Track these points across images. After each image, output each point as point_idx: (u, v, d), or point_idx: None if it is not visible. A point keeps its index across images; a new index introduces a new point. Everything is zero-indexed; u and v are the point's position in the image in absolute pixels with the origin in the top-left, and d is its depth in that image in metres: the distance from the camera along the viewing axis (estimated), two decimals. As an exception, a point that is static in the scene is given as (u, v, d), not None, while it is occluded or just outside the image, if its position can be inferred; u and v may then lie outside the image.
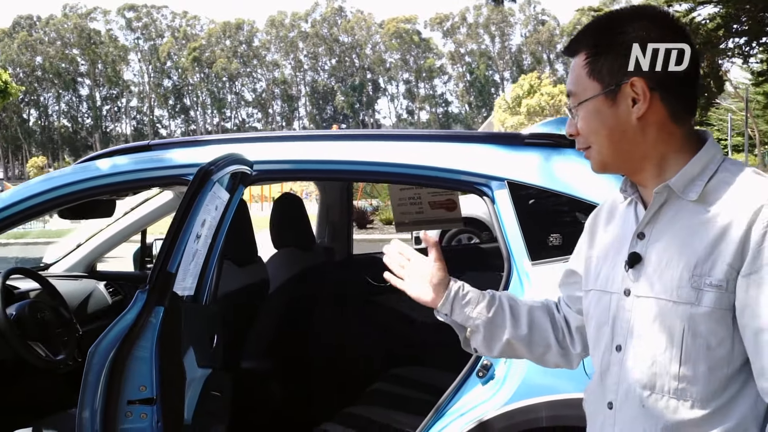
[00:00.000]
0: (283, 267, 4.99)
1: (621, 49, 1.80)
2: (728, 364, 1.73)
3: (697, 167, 1.79)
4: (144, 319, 2.72)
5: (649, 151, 1.83)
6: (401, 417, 3.94)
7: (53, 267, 5.50)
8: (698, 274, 1.72)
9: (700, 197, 1.77)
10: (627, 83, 1.79)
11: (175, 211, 3.04)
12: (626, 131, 1.82)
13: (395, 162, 3.50)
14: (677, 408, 1.78)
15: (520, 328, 2.18)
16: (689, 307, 1.74)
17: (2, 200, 3.73)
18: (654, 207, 1.84)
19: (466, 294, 2.20)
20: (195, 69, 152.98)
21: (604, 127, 1.84)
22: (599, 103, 1.83)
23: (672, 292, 1.76)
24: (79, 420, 2.72)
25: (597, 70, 1.83)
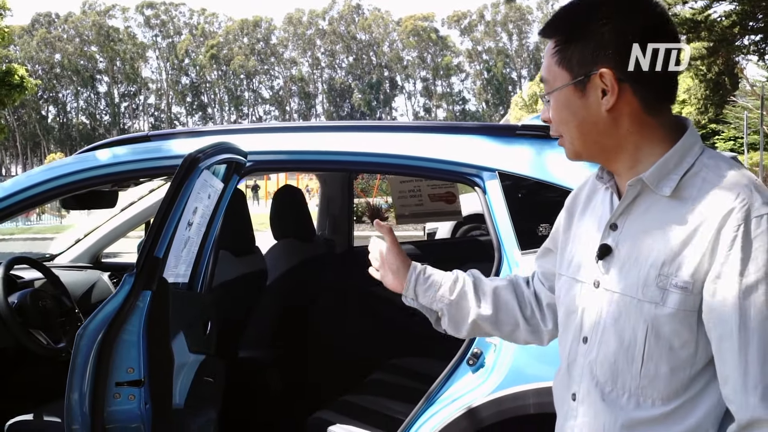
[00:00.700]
0: (283, 257, 5.03)
1: (592, 37, 1.74)
2: (691, 365, 1.71)
3: (672, 160, 1.74)
4: (131, 303, 2.77)
5: (622, 142, 1.78)
6: (396, 405, 3.96)
7: (58, 258, 5.56)
8: (665, 274, 1.69)
9: (674, 192, 1.71)
10: (596, 74, 1.73)
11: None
12: (597, 123, 1.77)
13: (388, 153, 3.53)
14: (638, 405, 1.76)
15: (484, 308, 2.19)
16: (654, 306, 1.71)
17: (4, 189, 3.79)
18: (627, 199, 1.79)
19: (428, 278, 2.24)
20: (213, 66, 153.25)
21: (574, 117, 1.79)
22: (569, 93, 1.79)
23: (638, 289, 1.73)
24: (68, 402, 2.77)
25: (566, 58, 1.78)
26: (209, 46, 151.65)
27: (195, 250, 3.30)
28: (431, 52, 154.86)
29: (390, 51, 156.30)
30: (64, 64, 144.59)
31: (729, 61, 27.64)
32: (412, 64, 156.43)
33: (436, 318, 2.30)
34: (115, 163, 3.76)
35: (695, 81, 32.61)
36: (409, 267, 2.26)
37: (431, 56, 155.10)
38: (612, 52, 1.72)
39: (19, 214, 3.90)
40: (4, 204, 3.74)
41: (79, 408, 2.76)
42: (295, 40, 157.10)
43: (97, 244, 5.59)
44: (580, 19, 1.78)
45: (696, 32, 22.92)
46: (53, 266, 4.99)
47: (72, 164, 3.80)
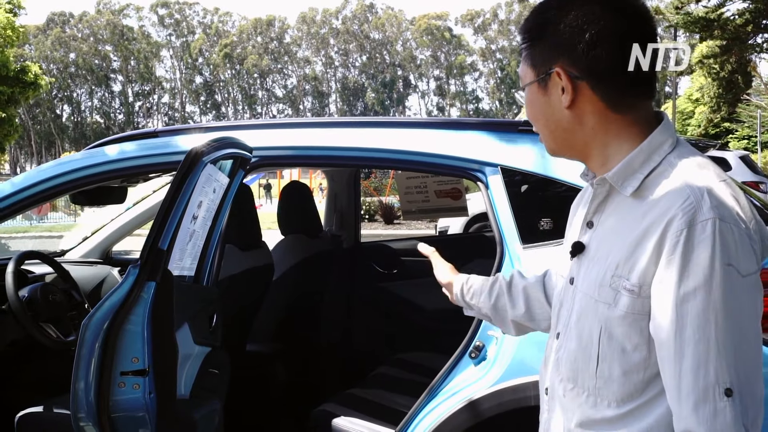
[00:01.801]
0: (290, 253, 5.06)
1: (551, 36, 1.74)
2: (644, 369, 1.68)
3: (638, 159, 1.71)
4: (135, 294, 2.81)
5: (588, 140, 1.77)
6: (401, 399, 3.99)
7: (69, 253, 5.61)
8: (618, 275, 1.67)
9: (636, 192, 1.69)
10: (553, 72, 1.73)
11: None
12: (560, 120, 1.77)
13: (392, 148, 3.58)
14: (595, 405, 1.75)
15: (517, 307, 2.22)
16: (607, 307, 1.70)
17: (15, 184, 3.84)
18: (597, 198, 1.78)
19: (470, 288, 2.31)
20: (226, 65, 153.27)
21: (542, 115, 1.82)
22: (534, 92, 1.81)
23: (595, 289, 1.73)
24: (74, 391, 2.82)
25: (531, 56, 1.81)
26: (223, 45, 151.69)
27: (200, 243, 3.34)
28: (445, 51, 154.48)
29: (403, 50, 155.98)
30: (79, 63, 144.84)
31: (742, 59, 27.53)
32: (425, 63, 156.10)
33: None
34: (124, 158, 3.81)
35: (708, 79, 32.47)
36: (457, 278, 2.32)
37: (445, 55, 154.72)
38: (568, 50, 1.72)
39: (29, 208, 3.95)
40: (15, 198, 3.81)
41: (84, 397, 2.81)
42: (308, 39, 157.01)
43: (107, 239, 5.65)
44: (543, 18, 1.78)
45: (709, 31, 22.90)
46: (64, 261, 5.04)
47: (81, 160, 3.85)
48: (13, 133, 34.29)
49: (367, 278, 5.78)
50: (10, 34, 32.01)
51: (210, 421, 3.27)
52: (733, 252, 1.54)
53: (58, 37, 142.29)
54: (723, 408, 1.52)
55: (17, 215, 4.22)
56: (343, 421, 3.78)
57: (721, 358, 1.53)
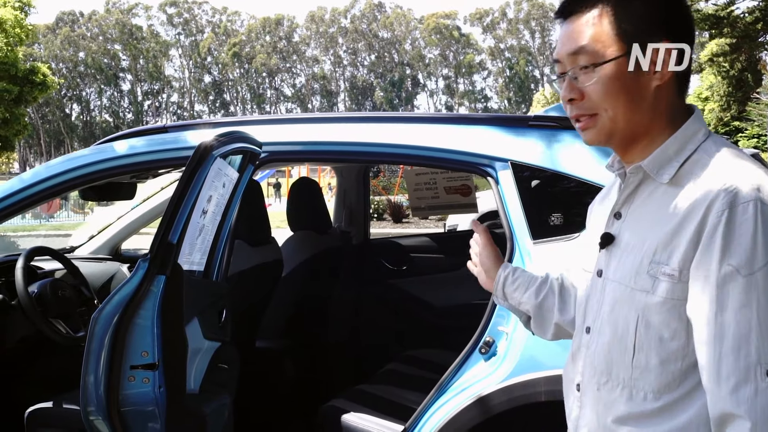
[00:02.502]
0: (299, 249, 5.06)
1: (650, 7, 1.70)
2: (682, 358, 1.66)
3: (673, 147, 1.71)
4: (145, 288, 2.81)
5: (652, 124, 1.73)
6: (410, 395, 3.99)
7: (78, 250, 5.62)
8: (656, 262, 1.65)
9: (673, 180, 1.68)
10: (654, 47, 1.67)
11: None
12: (645, 99, 1.71)
13: (402, 143, 3.57)
14: (630, 398, 1.73)
15: (567, 312, 2.13)
16: (644, 295, 1.68)
17: (24, 180, 3.84)
18: (628, 188, 1.77)
19: (517, 279, 2.20)
20: (235, 64, 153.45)
21: (624, 92, 1.70)
22: (621, 66, 1.69)
23: (631, 278, 1.71)
24: (84, 384, 2.81)
25: (626, 26, 1.69)
26: (231, 44, 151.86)
27: (210, 238, 3.34)
28: (453, 49, 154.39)
29: (412, 49, 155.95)
30: (88, 62, 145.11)
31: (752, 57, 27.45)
32: (434, 62, 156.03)
33: (525, 319, 2.26)
34: (133, 154, 3.81)
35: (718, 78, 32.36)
36: (501, 266, 2.25)
37: (453, 54, 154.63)
38: (671, 26, 1.69)
39: (38, 205, 3.94)
40: (24, 194, 3.80)
41: (94, 391, 2.81)
42: (317, 38, 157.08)
43: (117, 236, 5.65)
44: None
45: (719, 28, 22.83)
46: (73, 258, 5.05)
47: (90, 155, 3.85)
48: (22, 131, 34.40)
49: (377, 275, 5.78)
50: (19, 32, 32.10)
51: (220, 416, 3.26)
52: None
53: (68, 36, 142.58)
54: (765, 388, 1.51)
55: (26, 211, 4.22)
56: (353, 417, 3.77)
57: (764, 338, 1.52)
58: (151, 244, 2.84)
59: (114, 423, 2.81)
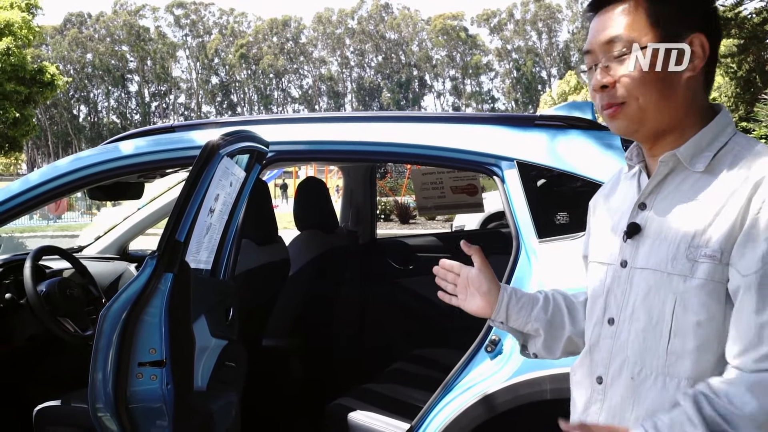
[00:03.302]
0: (306, 248, 5.06)
1: (684, 0, 1.73)
2: (719, 343, 1.65)
3: (707, 138, 1.73)
4: (153, 285, 2.82)
5: (681, 115, 1.75)
6: (417, 394, 3.99)
7: (86, 249, 5.64)
8: (695, 245, 1.66)
9: (707, 168, 1.70)
10: (690, 37, 1.70)
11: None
12: (676, 89, 1.72)
13: (407, 143, 3.57)
14: (664, 386, 1.72)
15: (578, 322, 2.11)
16: (682, 279, 1.68)
17: (31, 180, 3.85)
18: (659, 176, 1.78)
19: (520, 299, 2.14)
20: (242, 66, 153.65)
21: (657, 81, 1.71)
22: (656, 55, 1.71)
23: (667, 263, 1.71)
24: (92, 382, 2.83)
25: (657, 15, 1.72)
26: (239, 45, 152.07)
27: (217, 237, 3.34)
28: (460, 51, 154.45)
29: (419, 50, 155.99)
30: (96, 63, 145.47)
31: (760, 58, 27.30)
32: (441, 63, 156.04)
33: (523, 342, 2.21)
34: (140, 153, 3.81)
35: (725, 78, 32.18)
36: (499, 289, 2.15)
37: (460, 55, 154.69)
38: (704, 17, 1.73)
39: (45, 204, 3.95)
40: (31, 194, 3.81)
41: (102, 388, 2.82)
42: (324, 39, 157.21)
43: (124, 235, 5.67)
44: None
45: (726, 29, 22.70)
46: (81, 257, 5.06)
47: (97, 155, 3.85)
48: (31, 131, 34.49)
49: (383, 274, 5.78)
50: (26, 34, 32.17)
51: (227, 414, 3.27)
52: None
53: (75, 37, 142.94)
54: None
55: (34, 211, 4.23)
56: (359, 415, 3.78)
57: None
58: (159, 242, 2.85)
59: (122, 420, 2.83)
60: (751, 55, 26.16)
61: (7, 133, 33.02)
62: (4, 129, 32.67)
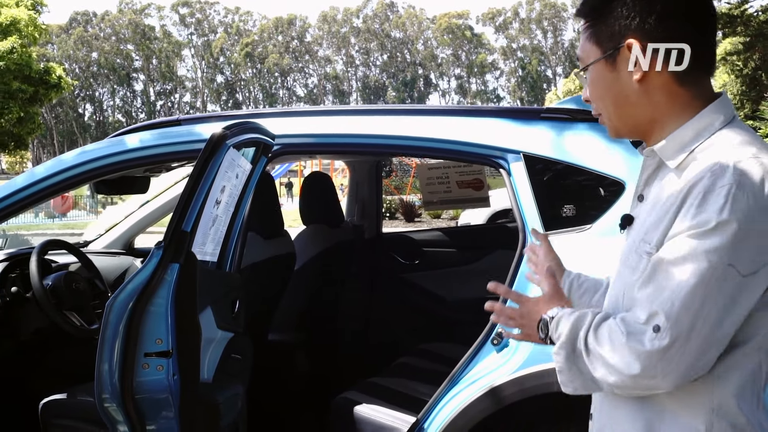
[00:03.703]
0: (312, 242, 5.06)
1: (619, 11, 1.76)
2: None
3: (688, 133, 1.75)
4: (159, 275, 2.81)
5: (656, 115, 1.79)
6: (423, 387, 3.99)
7: (92, 244, 5.63)
8: (645, 240, 1.72)
9: (680, 165, 1.73)
10: (623, 46, 1.76)
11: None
12: (629, 96, 1.79)
13: (414, 135, 3.58)
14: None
15: None
16: (630, 272, 1.76)
17: (36, 174, 3.85)
18: (646, 171, 1.84)
19: (582, 284, 2.17)
20: (247, 64, 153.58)
21: (609, 92, 1.82)
22: (601, 69, 1.82)
23: (626, 257, 1.80)
24: (98, 372, 2.83)
25: (596, 34, 1.82)
26: (244, 44, 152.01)
27: (223, 229, 3.34)
28: (465, 49, 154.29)
29: (424, 49, 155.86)
30: (101, 62, 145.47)
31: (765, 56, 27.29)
32: (446, 62, 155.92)
33: None
34: (146, 146, 3.81)
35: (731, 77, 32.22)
36: (564, 273, 2.20)
37: (465, 54, 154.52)
38: (638, 22, 1.75)
39: (50, 197, 3.95)
40: (37, 188, 3.80)
41: (109, 378, 2.82)
42: (329, 38, 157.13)
43: (130, 230, 5.66)
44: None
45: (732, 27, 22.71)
46: (86, 252, 5.06)
47: (103, 148, 3.85)
48: (35, 130, 34.55)
49: (389, 269, 5.78)
50: (32, 32, 32.21)
51: (233, 406, 3.27)
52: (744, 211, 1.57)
53: (81, 36, 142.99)
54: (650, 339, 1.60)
55: (39, 204, 4.22)
56: (365, 409, 3.77)
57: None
58: (165, 232, 2.85)
59: (128, 410, 2.83)
60: (756, 52, 26.14)
61: (12, 131, 33.07)
62: (9, 127, 32.72)
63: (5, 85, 31.48)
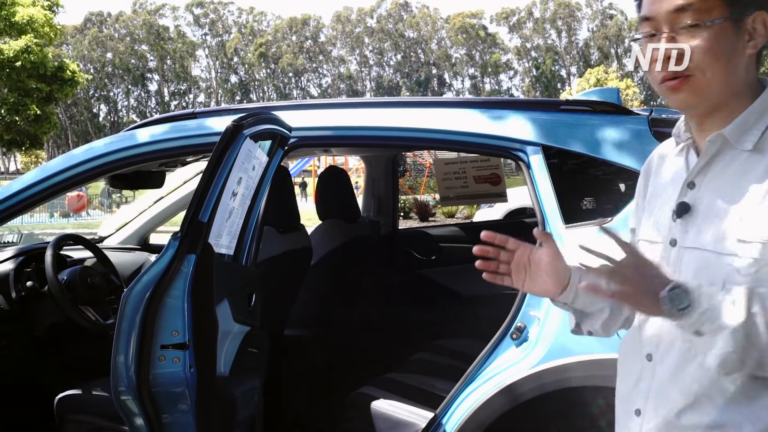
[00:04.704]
0: (328, 237, 5.04)
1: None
2: None
3: (754, 114, 1.74)
4: (176, 266, 2.78)
5: (738, 91, 1.76)
6: (440, 383, 3.96)
7: (107, 240, 5.63)
8: (745, 226, 1.66)
9: (756, 147, 1.71)
10: (753, 14, 1.71)
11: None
12: (739, 65, 1.74)
13: (433, 128, 3.56)
14: (701, 365, 1.70)
15: None
16: (732, 259, 1.67)
17: (48, 168, 3.82)
18: (707, 155, 1.78)
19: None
20: (261, 64, 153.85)
21: (724, 55, 1.71)
22: (725, 29, 1.71)
23: (717, 243, 1.70)
24: (114, 364, 2.80)
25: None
26: (258, 44, 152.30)
27: (239, 222, 3.31)
28: (479, 49, 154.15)
29: (438, 48, 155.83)
30: (116, 62, 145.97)
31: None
32: (460, 62, 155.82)
33: (578, 320, 2.10)
34: (160, 140, 3.78)
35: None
36: (570, 271, 2.03)
37: (479, 53, 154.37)
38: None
39: (64, 192, 3.93)
40: (50, 182, 3.76)
41: (125, 371, 2.78)
42: (343, 38, 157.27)
43: (145, 226, 5.65)
44: None
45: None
46: (101, 248, 5.05)
47: (116, 142, 3.83)
48: (51, 129, 34.75)
49: (405, 264, 5.76)
50: (48, 31, 32.38)
51: (249, 399, 3.25)
52: None
53: (95, 36, 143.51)
54: None
55: (53, 198, 4.19)
56: (383, 404, 3.75)
57: None
58: (182, 223, 2.82)
59: (144, 403, 2.79)
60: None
61: (28, 130, 33.25)
62: (25, 126, 32.90)
63: (21, 84, 31.67)
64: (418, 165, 33.82)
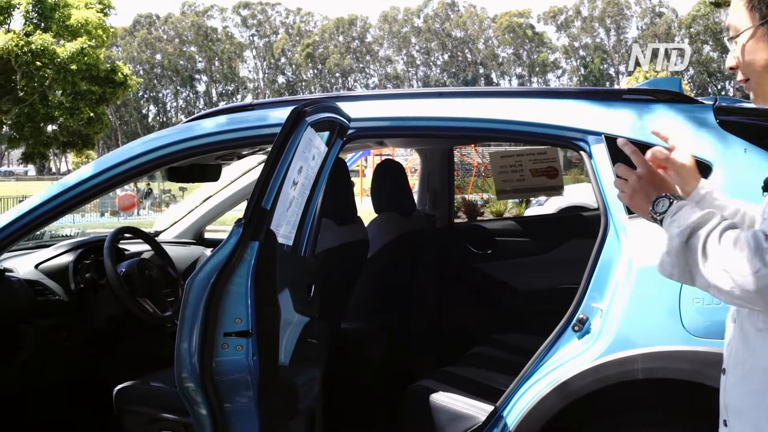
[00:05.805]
0: (384, 231, 5.03)
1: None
2: None
3: None
4: (239, 254, 2.76)
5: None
6: (499, 377, 3.93)
7: (162, 234, 5.66)
8: None
9: None
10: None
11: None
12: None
13: (492, 118, 3.53)
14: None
15: None
16: None
17: (105, 161, 3.82)
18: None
19: (715, 199, 2.19)
20: (308, 65, 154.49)
21: (761, 59, 1.86)
22: (757, 35, 1.85)
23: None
24: (178, 351, 2.79)
25: (755, 2, 1.85)
26: (305, 45, 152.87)
27: (299, 212, 3.29)
28: (527, 48, 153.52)
29: (485, 48, 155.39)
30: (164, 64, 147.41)
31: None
32: (507, 61, 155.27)
33: None
34: (217, 132, 3.77)
35: None
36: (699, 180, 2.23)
37: (527, 53, 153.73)
38: None
39: (119, 186, 3.94)
40: (109, 174, 3.76)
41: (188, 357, 2.77)
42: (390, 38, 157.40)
43: (200, 220, 5.69)
44: None
45: None
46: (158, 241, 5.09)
47: (173, 134, 3.82)
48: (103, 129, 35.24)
49: (461, 258, 5.73)
50: (101, 34, 32.83)
51: (310, 389, 3.24)
52: None
53: (144, 38, 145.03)
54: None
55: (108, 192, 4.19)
56: (442, 397, 3.72)
57: None
58: (245, 210, 2.80)
59: (207, 390, 2.78)
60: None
61: (81, 131, 33.72)
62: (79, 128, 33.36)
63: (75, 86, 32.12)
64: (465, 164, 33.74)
